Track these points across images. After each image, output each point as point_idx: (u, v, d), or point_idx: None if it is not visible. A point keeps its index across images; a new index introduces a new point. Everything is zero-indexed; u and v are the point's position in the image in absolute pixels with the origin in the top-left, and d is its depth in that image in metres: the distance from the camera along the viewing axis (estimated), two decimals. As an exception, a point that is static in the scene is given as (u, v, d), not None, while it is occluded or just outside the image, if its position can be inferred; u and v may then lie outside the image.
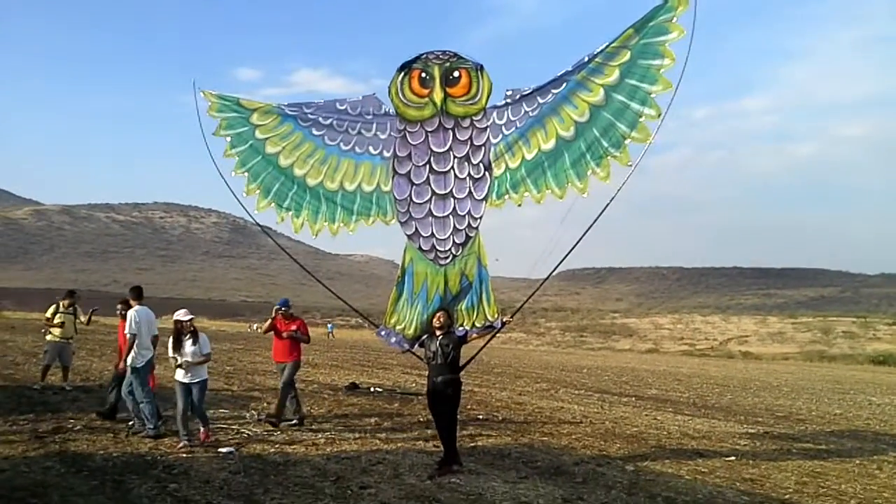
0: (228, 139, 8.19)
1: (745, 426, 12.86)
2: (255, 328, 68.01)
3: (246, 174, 8.24)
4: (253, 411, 11.11)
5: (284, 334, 10.31)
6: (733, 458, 9.31)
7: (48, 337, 13.07)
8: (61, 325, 12.96)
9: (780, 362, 49.42)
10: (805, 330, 71.30)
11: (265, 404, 12.15)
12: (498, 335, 9.11)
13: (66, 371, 13.14)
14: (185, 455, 7.74)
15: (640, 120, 7.86)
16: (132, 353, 8.76)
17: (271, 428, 9.69)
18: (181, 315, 8.58)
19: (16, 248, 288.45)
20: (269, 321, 10.59)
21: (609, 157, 7.99)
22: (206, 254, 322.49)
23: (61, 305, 13.18)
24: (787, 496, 7.31)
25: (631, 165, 7.95)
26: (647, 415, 13.79)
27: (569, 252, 8.13)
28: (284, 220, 8.41)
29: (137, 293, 9.20)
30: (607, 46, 7.90)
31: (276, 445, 8.56)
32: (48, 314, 13.15)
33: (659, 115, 7.81)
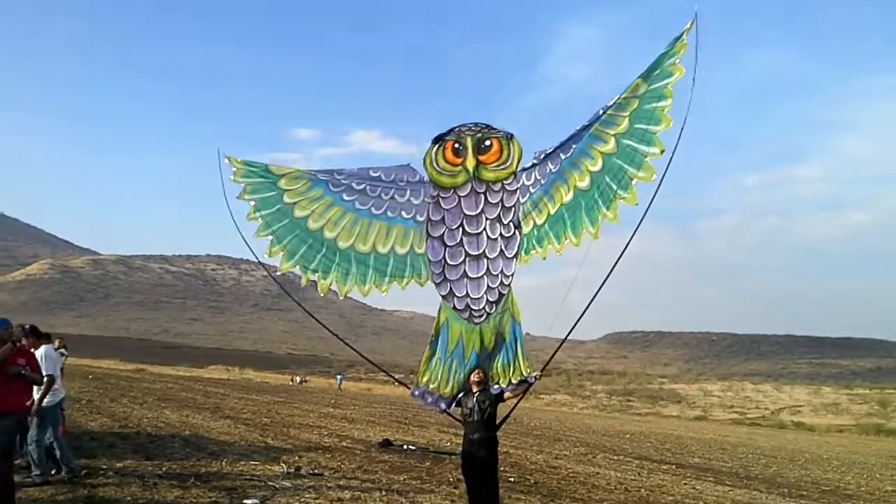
0: (253, 203, 8.12)
1: (787, 499, 12.42)
2: (297, 381, 68.40)
3: (270, 237, 8.12)
4: (283, 464, 11.10)
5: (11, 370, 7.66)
6: (771, 532, 8.98)
7: None
8: None
9: (834, 434, 47.73)
10: (861, 402, 69.03)
11: (296, 457, 12.15)
12: (541, 397, 9.02)
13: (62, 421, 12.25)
14: (209, 505, 7.76)
15: (646, 160, 8.03)
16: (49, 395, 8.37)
17: (299, 482, 9.67)
18: None
19: (72, 295, 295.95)
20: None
21: (618, 200, 8.14)
22: (255, 306, 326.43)
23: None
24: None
25: (638, 205, 8.06)
26: (685, 484, 13.41)
27: (587, 307, 8.06)
28: (310, 281, 8.24)
29: (36, 332, 8.74)
30: (619, 98, 8.12)
31: (302, 498, 8.53)
32: None
33: (662, 153, 7.98)
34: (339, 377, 67.28)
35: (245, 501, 8.07)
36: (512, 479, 11.73)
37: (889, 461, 24.87)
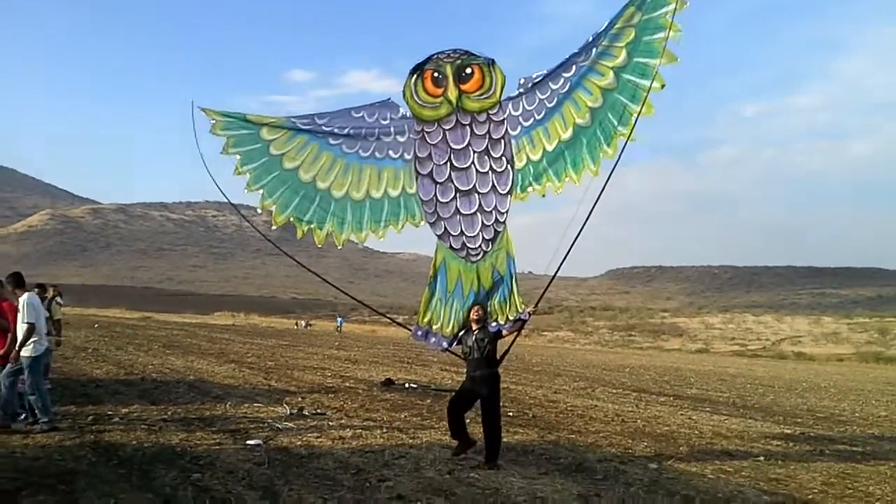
0: (238, 157, 7.82)
1: (781, 427, 12.67)
2: (303, 325, 68.97)
3: (261, 191, 7.91)
4: (286, 405, 11.31)
5: None
6: (762, 458, 9.19)
7: None
8: None
9: (834, 364, 48.34)
10: (861, 330, 69.62)
11: (299, 398, 12.38)
12: (544, 334, 9.12)
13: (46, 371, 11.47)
14: (214, 446, 7.95)
15: (645, 94, 8.01)
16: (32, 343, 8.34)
17: (302, 422, 9.89)
18: None
19: (74, 245, 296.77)
20: None
21: (618, 136, 8.15)
22: (257, 251, 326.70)
23: None
24: (810, 496, 7.21)
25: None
26: (682, 414, 13.68)
27: (575, 239, 8.11)
28: (306, 233, 8.10)
29: (19, 280, 8.69)
30: (611, 27, 8.02)
31: (304, 439, 8.72)
32: None
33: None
34: (339, 320, 67.75)
35: (248, 442, 8.27)
36: (511, 414, 11.96)
37: (885, 388, 25.26)
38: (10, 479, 6.09)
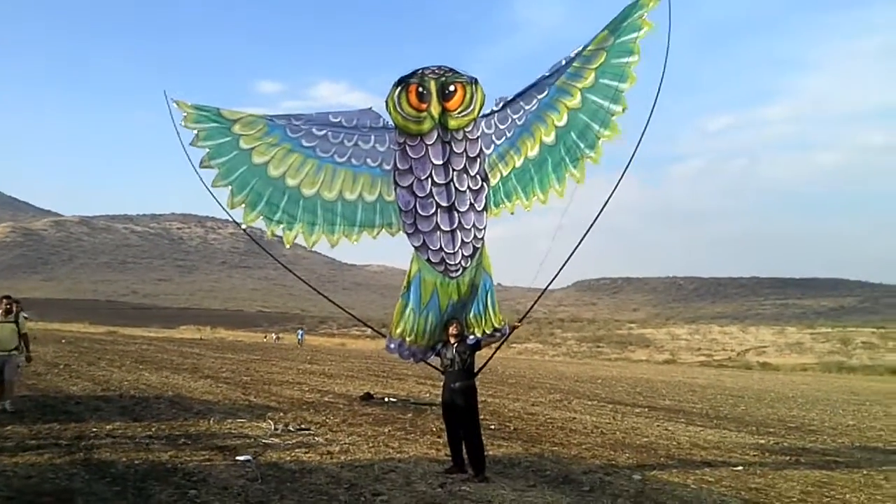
0: (207, 150, 7.53)
1: (755, 437, 12.96)
2: (273, 338, 68.46)
3: (230, 187, 7.60)
4: (270, 421, 11.33)
5: None
6: (741, 468, 9.44)
7: None
8: None
9: (798, 373, 49.15)
10: (824, 340, 70.82)
11: (281, 414, 12.40)
12: (514, 346, 9.23)
13: (9, 387, 11.30)
14: (205, 463, 7.98)
15: (612, 118, 8.19)
16: None
17: (288, 437, 9.94)
18: None
19: (35, 258, 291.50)
20: None
21: (585, 159, 8.32)
22: (223, 264, 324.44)
23: None
24: (790, 505, 7.45)
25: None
26: (658, 425, 13.92)
27: (567, 259, 8.34)
28: (275, 233, 7.84)
29: None
30: (584, 49, 8.17)
31: (292, 454, 8.78)
32: None
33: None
34: (300, 332, 67.15)
35: (238, 458, 8.30)
36: (493, 427, 12.10)
37: (851, 397, 25.83)
38: (6, 499, 6.08)
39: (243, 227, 7.74)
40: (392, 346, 8.53)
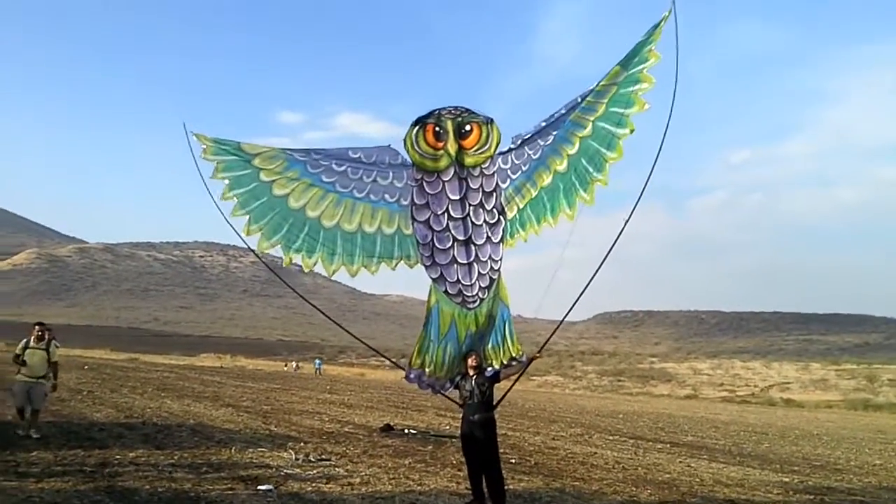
0: (227, 182, 7.54)
1: (779, 475, 12.80)
2: (294, 367, 68.59)
3: (248, 216, 7.58)
4: (291, 451, 11.36)
5: None
6: (765, 506, 9.33)
7: (17, 376, 11.66)
8: (22, 362, 11.48)
9: (823, 410, 48.45)
10: (849, 377, 69.84)
11: (302, 444, 12.43)
12: (534, 379, 9.24)
13: (35, 416, 11.51)
14: (227, 492, 8.02)
15: (619, 141, 8.29)
16: None
17: (309, 468, 9.95)
18: None
19: (59, 285, 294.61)
20: None
21: (595, 182, 8.41)
22: (244, 292, 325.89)
23: (32, 340, 11.65)
24: (816, 546, 7.35)
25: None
26: (680, 461, 13.78)
27: (583, 290, 8.35)
28: (293, 260, 7.81)
29: None
30: (597, 85, 8.30)
31: (314, 485, 8.80)
32: (18, 349, 11.68)
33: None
34: (317, 362, 67.22)
35: (260, 487, 8.33)
36: (513, 461, 12.05)
37: (877, 435, 25.41)
38: (33, 525, 6.15)
39: (258, 253, 7.76)
40: (412, 375, 8.52)
